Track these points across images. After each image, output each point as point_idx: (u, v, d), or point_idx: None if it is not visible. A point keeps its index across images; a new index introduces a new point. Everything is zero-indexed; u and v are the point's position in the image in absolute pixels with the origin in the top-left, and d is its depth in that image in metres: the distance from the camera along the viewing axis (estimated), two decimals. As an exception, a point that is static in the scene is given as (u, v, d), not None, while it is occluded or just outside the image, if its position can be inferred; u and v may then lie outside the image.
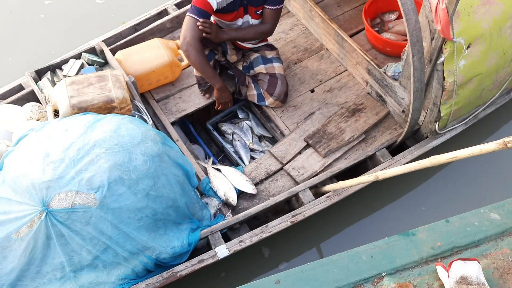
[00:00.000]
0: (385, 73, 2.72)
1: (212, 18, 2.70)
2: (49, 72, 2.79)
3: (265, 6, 2.61)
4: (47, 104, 2.59)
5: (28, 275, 2.16)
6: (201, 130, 3.17)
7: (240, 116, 3.11)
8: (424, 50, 2.23)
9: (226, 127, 3.03)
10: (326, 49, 3.15)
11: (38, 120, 2.63)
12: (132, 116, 2.57)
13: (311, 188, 2.53)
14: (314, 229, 2.82)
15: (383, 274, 1.41)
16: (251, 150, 2.94)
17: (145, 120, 2.60)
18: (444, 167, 3.01)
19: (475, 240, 1.49)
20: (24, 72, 2.82)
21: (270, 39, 3.06)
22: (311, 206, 2.46)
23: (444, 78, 2.34)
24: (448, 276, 1.39)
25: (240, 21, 2.64)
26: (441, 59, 2.27)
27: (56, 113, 2.53)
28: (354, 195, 2.54)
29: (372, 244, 1.45)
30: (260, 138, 3.02)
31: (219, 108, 2.83)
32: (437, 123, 2.57)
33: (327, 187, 2.49)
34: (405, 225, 2.73)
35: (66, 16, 3.99)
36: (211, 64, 2.78)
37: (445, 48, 2.23)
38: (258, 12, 2.63)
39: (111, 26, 3.27)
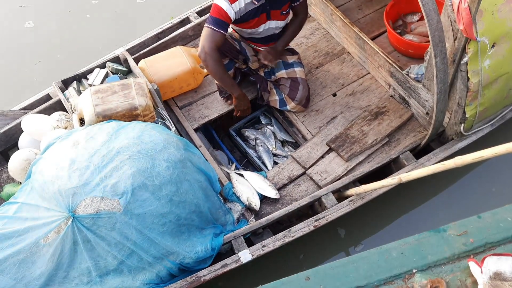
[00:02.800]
0: (407, 75, 2.68)
1: (231, 29, 2.72)
2: (75, 81, 2.87)
3: (291, 4, 2.66)
4: (73, 112, 2.65)
5: (56, 280, 2.21)
6: (224, 136, 3.19)
7: (263, 122, 3.11)
8: (447, 51, 2.20)
9: (249, 133, 3.04)
10: (348, 52, 3.13)
11: (65, 128, 2.70)
12: (156, 123, 2.62)
13: (334, 192, 2.51)
14: (386, 210, 2.85)
15: (414, 271, 1.39)
16: (274, 155, 2.94)
17: (168, 127, 2.63)
18: (473, 167, 2.95)
19: (508, 236, 1.44)
20: (52, 82, 2.90)
21: (292, 44, 3.07)
22: (334, 210, 2.44)
23: (468, 79, 2.29)
24: (482, 272, 1.35)
25: (261, 28, 2.65)
26: (464, 59, 2.23)
27: (82, 121, 2.59)
28: (379, 197, 2.51)
29: (402, 240, 1.42)
30: (283, 143, 3.02)
31: (238, 115, 2.85)
32: (463, 125, 2.51)
33: (350, 191, 2.47)
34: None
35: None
36: (231, 72, 2.81)
37: (469, 48, 2.18)
38: (284, 12, 2.64)
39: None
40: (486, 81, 2.32)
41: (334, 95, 2.96)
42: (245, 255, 2.32)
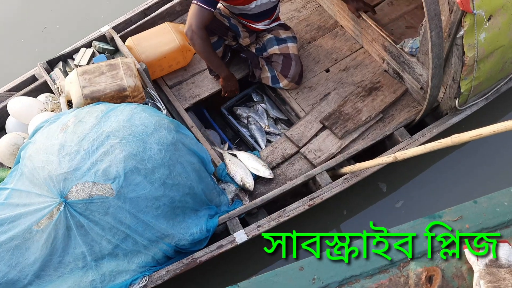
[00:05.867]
0: (402, 49, 2.63)
1: (220, 5, 2.63)
2: (60, 62, 2.78)
3: None
4: (60, 95, 2.58)
5: (51, 265, 2.19)
6: (216, 115, 3.14)
7: (255, 99, 3.06)
8: (443, 24, 2.14)
9: (241, 111, 2.99)
10: (341, 26, 3.06)
11: (52, 111, 2.64)
12: (146, 104, 2.56)
13: (328, 170, 2.49)
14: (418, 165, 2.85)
15: (409, 258, 1.39)
16: (267, 133, 2.90)
17: (158, 108, 2.58)
18: (467, 145, 2.94)
19: (505, 220, 1.43)
20: (37, 63, 2.81)
21: (283, 18, 2.99)
22: (328, 189, 2.42)
23: (464, 53, 2.24)
24: (477, 259, 1.35)
25: (253, 4, 2.56)
26: (460, 33, 2.18)
27: (69, 104, 2.53)
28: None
29: (396, 228, 1.41)
30: (276, 120, 2.98)
31: (226, 95, 2.80)
32: (457, 99, 2.48)
33: (345, 169, 2.45)
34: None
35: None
36: (220, 50, 2.74)
37: (465, 21, 2.13)
38: None
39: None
40: (482, 54, 2.28)
41: (327, 70, 2.91)
42: (240, 236, 2.32)
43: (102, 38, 2.88)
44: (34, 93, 2.77)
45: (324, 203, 2.44)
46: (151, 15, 3.07)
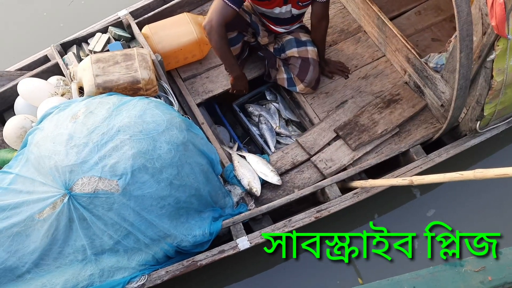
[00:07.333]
0: (426, 63, 2.54)
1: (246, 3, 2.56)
2: (74, 45, 2.71)
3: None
4: (72, 80, 2.52)
5: (50, 255, 2.17)
6: (226, 110, 3.07)
7: (268, 98, 2.99)
8: (473, 45, 2.05)
9: (252, 108, 2.93)
10: (364, 31, 2.96)
11: (63, 95, 2.58)
12: (158, 97, 2.50)
13: (338, 182, 2.44)
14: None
15: None
16: (277, 134, 2.84)
17: (170, 102, 2.52)
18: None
19: None
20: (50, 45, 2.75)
21: (304, 19, 2.89)
22: (337, 202, 2.37)
23: (492, 77, 2.16)
24: None
25: (277, 10, 2.48)
26: (491, 57, 2.09)
27: (81, 91, 2.47)
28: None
29: (415, 273, 1.35)
30: (287, 122, 2.91)
31: (233, 92, 2.75)
32: (479, 122, 2.41)
33: (356, 183, 2.40)
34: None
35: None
36: (239, 46, 2.66)
37: (498, 45, 2.04)
38: (301, 4, 2.49)
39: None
40: (511, 80, 2.20)
41: (346, 77, 2.83)
42: (243, 243, 2.28)
43: (118, 24, 2.80)
44: (45, 74, 2.72)
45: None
46: (171, 3, 2.98)
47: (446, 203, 2.74)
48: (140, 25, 2.82)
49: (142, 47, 2.63)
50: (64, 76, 2.68)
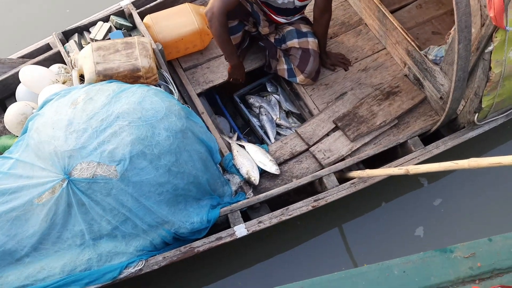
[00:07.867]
0: (425, 56, 2.54)
1: None
2: (76, 34, 2.73)
3: None
4: (73, 68, 2.54)
5: (49, 239, 2.19)
6: (227, 101, 3.09)
7: (269, 89, 3.00)
8: (472, 37, 2.06)
9: (253, 100, 2.94)
10: (365, 24, 2.97)
11: (64, 83, 2.60)
12: (158, 86, 2.51)
13: (335, 172, 2.45)
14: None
15: None
16: (278, 125, 2.85)
17: (171, 91, 2.53)
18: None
19: None
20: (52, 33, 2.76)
21: (306, 10, 2.89)
22: (334, 192, 2.39)
23: (490, 68, 2.17)
24: None
25: (280, 0, 2.50)
26: (489, 48, 2.10)
27: (81, 78, 2.49)
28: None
29: (405, 258, 1.35)
30: (288, 113, 2.92)
31: (230, 80, 2.77)
32: (477, 114, 2.41)
33: (353, 174, 2.41)
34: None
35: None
36: (239, 35, 2.67)
37: (496, 37, 2.05)
38: None
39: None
40: (509, 72, 2.20)
41: (347, 69, 2.83)
42: (240, 230, 2.30)
43: (120, 13, 2.82)
44: (47, 62, 2.74)
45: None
46: (173, -7, 2.99)
47: (454, 193, 2.76)
48: (142, 15, 2.83)
49: (143, 36, 2.65)
50: (65, 64, 2.70)
